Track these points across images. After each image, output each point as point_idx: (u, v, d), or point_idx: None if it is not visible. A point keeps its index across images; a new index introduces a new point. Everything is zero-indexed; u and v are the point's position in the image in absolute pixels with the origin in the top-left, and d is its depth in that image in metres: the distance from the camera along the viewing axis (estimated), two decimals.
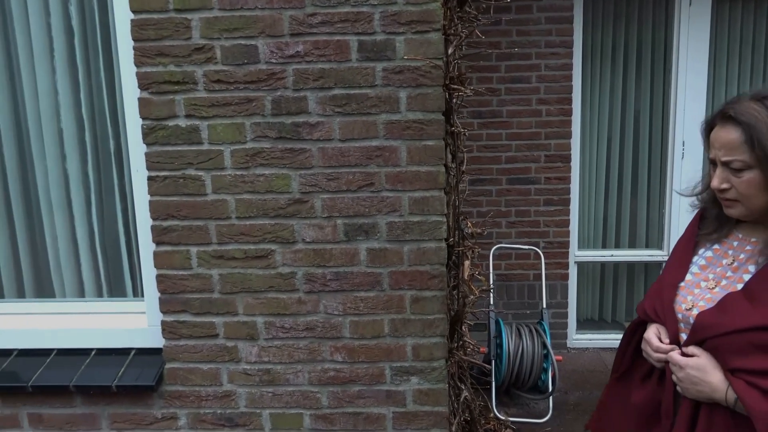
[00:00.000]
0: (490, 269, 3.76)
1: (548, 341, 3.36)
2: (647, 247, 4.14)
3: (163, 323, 2.05)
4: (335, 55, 1.86)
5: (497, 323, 3.43)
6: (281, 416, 2.08)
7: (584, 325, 4.27)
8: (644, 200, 4.10)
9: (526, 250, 3.90)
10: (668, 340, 1.37)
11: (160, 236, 1.99)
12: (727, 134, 1.26)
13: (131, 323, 2.18)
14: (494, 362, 3.37)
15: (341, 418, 2.08)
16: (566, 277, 4.06)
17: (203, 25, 1.87)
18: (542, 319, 3.53)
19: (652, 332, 1.42)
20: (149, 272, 2.08)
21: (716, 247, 1.40)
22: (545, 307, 3.63)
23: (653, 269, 4.16)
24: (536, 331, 3.44)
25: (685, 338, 1.35)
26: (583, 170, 4.06)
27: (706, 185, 1.43)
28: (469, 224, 2.22)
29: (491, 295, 3.51)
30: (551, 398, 3.39)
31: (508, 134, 3.89)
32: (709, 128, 1.33)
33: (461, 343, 2.28)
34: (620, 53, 3.92)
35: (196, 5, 1.85)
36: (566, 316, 4.11)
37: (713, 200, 1.40)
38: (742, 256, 1.34)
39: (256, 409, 2.08)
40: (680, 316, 1.37)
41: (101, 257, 2.31)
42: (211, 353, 2.05)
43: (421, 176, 1.91)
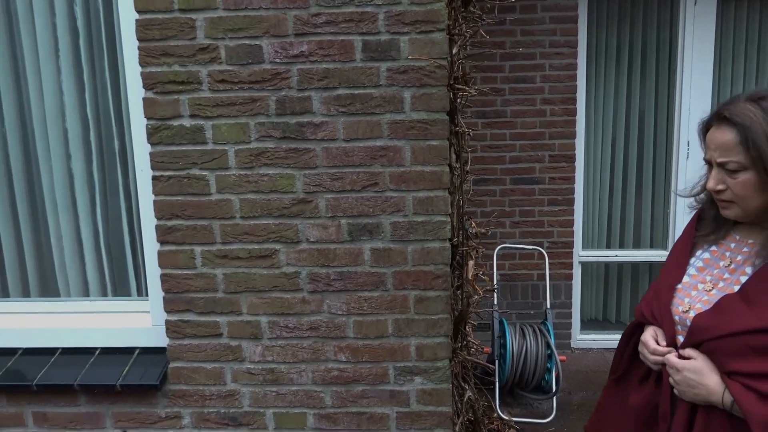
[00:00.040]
0: (494, 269, 3.76)
1: (552, 341, 3.35)
2: (651, 247, 4.13)
3: (167, 322, 2.06)
4: (339, 55, 1.86)
5: (501, 323, 3.43)
6: (285, 416, 2.09)
7: (588, 325, 4.26)
8: (649, 200, 4.09)
9: (530, 250, 3.90)
10: (665, 342, 1.37)
11: (164, 236, 2.00)
12: (722, 135, 1.26)
13: (135, 322, 2.19)
14: (498, 362, 3.36)
15: (345, 417, 2.08)
16: (570, 277, 4.05)
17: (208, 25, 1.87)
18: (546, 319, 3.52)
19: (649, 334, 1.41)
20: (153, 272, 2.09)
21: (713, 248, 1.40)
22: (549, 307, 3.62)
23: (657, 269, 4.15)
24: (540, 331, 3.44)
25: (682, 340, 1.34)
26: (587, 170, 4.05)
27: (703, 186, 1.43)
28: (473, 224, 2.22)
29: (495, 295, 3.50)
30: (555, 398, 3.39)
31: (512, 134, 3.88)
32: (705, 129, 1.33)
33: (465, 343, 2.28)
34: (625, 53, 3.91)
35: (200, 5, 1.86)
36: (570, 316, 4.10)
37: (711, 201, 1.39)
38: (739, 257, 1.33)
39: (259, 408, 2.09)
40: (677, 318, 1.36)
41: (106, 257, 2.32)
42: (215, 352, 2.06)
43: (425, 176, 1.91)
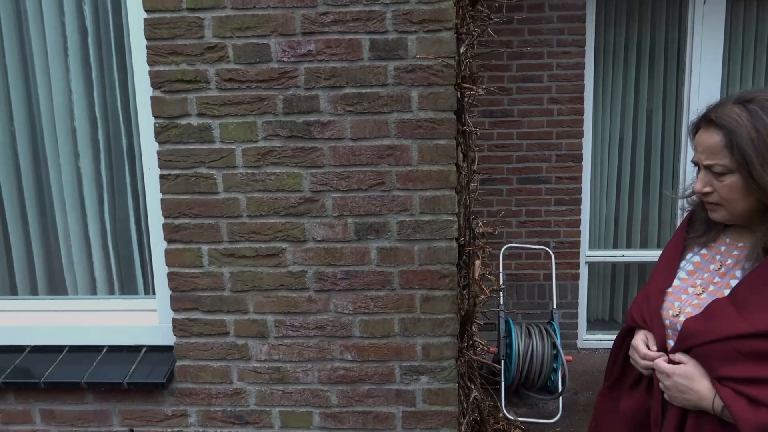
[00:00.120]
0: (500, 269, 3.75)
1: (558, 341, 3.35)
2: (659, 247, 4.11)
3: (174, 321, 2.06)
4: (347, 54, 1.86)
5: (507, 323, 3.42)
6: (291, 414, 2.09)
7: (594, 325, 4.25)
8: (656, 200, 4.07)
9: (536, 249, 3.89)
10: (656, 347, 1.35)
11: (171, 234, 2.00)
12: (708, 138, 1.25)
13: (142, 321, 2.20)
14: (504, 362, 3.36)
15: (351, 416, 2.08)
16: (577, 277, 4.04)
17: (216, 24, 1.87)
18: (552, 319, 3.51)
19: (639, 339, 1.39)
20: (161, 270, 2.09)
21: (704, 252, 1.39)
22: (555, 307, 3.61)
23: None
24: (546, 331, 3.43)
25: (672, 345, 1.33)
26: (594, 170, 4.03)
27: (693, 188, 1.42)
28: (480, 224, 2.22)
29: (501, 294, 3.50)
30: (561, 399, 3.38)
31: (519, 133, 3.87)
32: (694, 131, 1.32)
33: (471, 342, 2.28)
34: (633, 52, 3.90)
35: (208, 4, 1.86)
36: (576, 316, 4.09)
37: (701, 204, 1.38)
38: (729, 261, 1.32)
39: (265, 407, 2.09)
40: (667, 322, 1.35)
41: (113, 255, 2.33)
42: (221, 351, 2.06)
43: (432, 175, 1.91)
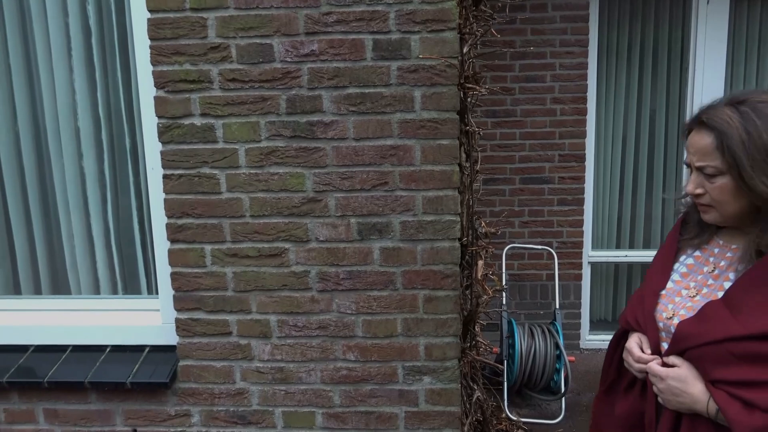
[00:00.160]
0: (502, 269, 3.75)
1: (561, 342, 3.34)
2: None
3: (177, 321, 2.06)
4: (350, 54, 1.86)
5: (510, 323, 3.42)
6: (294, 414, 2.09)
7: (597, 325, 4.24)
8: (659, 200, 4.06)
9: (539, 250, 3.88)
10: (650, 350, 1.35)
11: (174, 234, 2.00)
12: (700, 139, 1.25)
13: (146, 320, 2.20)
14: (506, 362, 3.35)
15: (353, 417, 2.08)
16: (579, 277, 4.03)
17: (219, 24, 1.87)
18: (555, 319, 3.51)
19: (633, 342, 1.39)
20: (164, 270, 2.09)
21: (697, 254, 1.38)
22: (558, 307, 3.61)
23: None
24: (549, 331, 3.42)
25: (666, 347, 1.32)
26: (597, 170, 4.03)
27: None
28: (482, 224, 2.22)
29: (504, 295, 3.49)
30: (564, 399, 3.37)
31: (522, 133, 3.87)
32: (686, 132, 1.32)
33: (474, 343, 2.27)
34: (636, 52, 3.89)
35: (212, 4, 1.86)
36: (579, 316, 4.08)
37: (694, 205, 1.38)
38: (722, 263, 1.32)
39: (268, 407, 2.09)
40: (661, 324, 1.34)
41: (116, 255, 2.33)
42: (224, 351, 2.06)
43: (435, 175, 1.91)
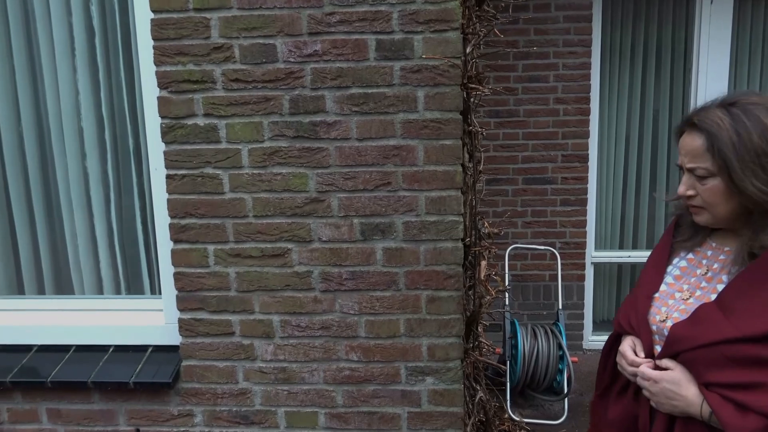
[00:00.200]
0: (505, 269, 3.74)
1: (564, 342, 3.33)
2: None
3: (180, 321, 2.07)
4: (353, 54, 1.86)
5: (512, 324, 3.42)
6: (296, 414, 2.09)
7: (600, 326, 4.23)
8: (662, 201, 4.05)
9: (542, 250, 3.88)
10: (643, 353, 1.34)
11: (177, 234, 2.00)
12: (691, 141, 1.26)
13: (149, 320, 2.20)
14: (509, 363, 3.35)
15: (356, 417, 2.08)
16: (582, 278, 4.03)
17: (222, 24, 1.87)
18: (558, 320, 3.50)
19: (627, 345, 1.38)
20: (167, 270, 2.10)
21: (690, 256, 1.38)
22: (561, 308, 3.60)
23: None
24: (552, 332, 3.42)
25: (659, 350, 1.32)
26: (600, 170, 4.02)
27: None
28: (485, 224, 2.22)
29: (507, 295, 3.49)
30: (566, 400, 3.37)
31: (525, 134, 3.86)
32: (679, 134, 1.32)
33: (477, 343, 2.27)
34: (639, 52, 3.88)
35: (215, 4, 1.86)
36: (582, 317, 4.07)
37: (687, 207, 1.38)
38: (715, 265, 1.32)
39: (271, 407, 2.09)
40: (654, 327, 1.34)
41: (120, 255, 2.34)
42: (227, 351, 2.06)
43: (438, 176, 1.91)
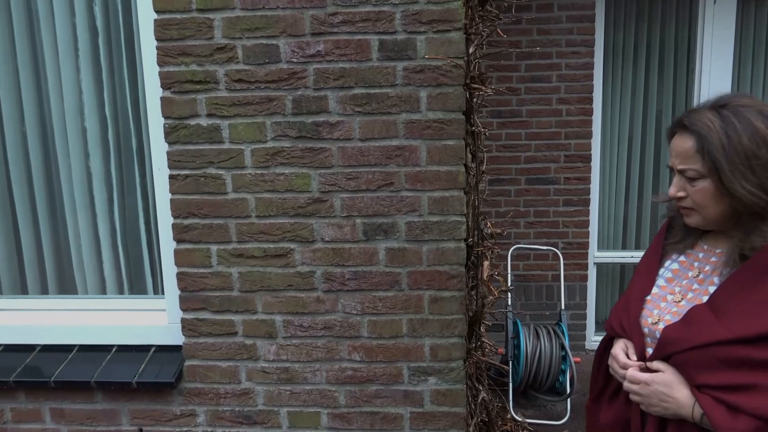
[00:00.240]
0: (508, 270, 3.74)
1: (566, 343, 3.33)
2: None
3: (182, 321, 2.07)
4: (356, 54, 1.86)
5: (515, 324, 3.41)
6: (299, 414, 2.09)
7: (603, 327, 4.21)
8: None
9: (544, 250, 3.88)
10: (636, 356, 1.34)
11: (180, 234, 2.01)
12: (682, 143, 1.27)
13: (152, 320, 2.21)
14: (512, 363, 3.35)
15: (358, 417, 2.08)
16: (585, 278, 4.02)
17: (225, 24, 1.88)
18: (560, 320, 3.50)
19: (619, 348, 1.38)
20: (170, 270, 2.10)
21: (682, 259, 1.38)
22: (564, 308, 3.60)
23: None
24: (554, 332, 3.42)
25: (651, 353, 1.32)
26: (603, 170, 4.02)
27: None
28: (488, 224, 2.21)
29: (509, 295, 3.49)
30: (569, 400, 3.36)
31: (527, 134, 3.86)
32: (670, 136, 1.33)
33: (479, 343, 2.27)
34: (642, 52, 3.87)
35: (218, 5, 1.86)
36: (585, 317, 4.07)
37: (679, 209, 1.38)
38: (707, 267, 1.32)
39: (274, 407, 2.09)
40: (646, 330, 1.34)
41: (123, 255, 2.34)
42: (230, 351, 2.07)
43: (440, 176, 1.91)
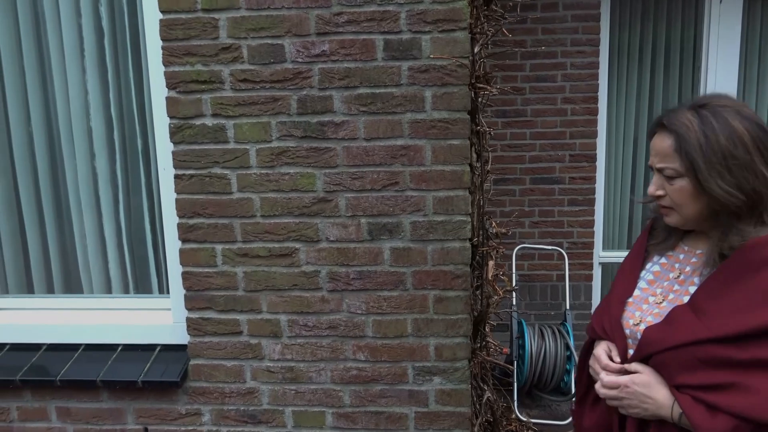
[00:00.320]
0: (513, 269, 3.74)
1: (571, 342, 3.32)
2: None
3: (188, 320, 2.07)
4: (361, 54, 1.86)
5: (520, 324, 3.41)
6: (304, 414, 2.09)
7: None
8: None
9: (549, 250, 3.87)
10: (619, 358, 1.33)
11: (186, 234, 2.01)
12: (661, 142, 1.28)
13: (157, 320, 2.21)
14: (516, 363, 3.34)
15: (363, 417, 2.08)
16: (590, 278, 4.01)
17: (230, 24, 1.88)
18: (565, 320, 3.49)
19: (601, 349, 1.37)
20: (175, 269, 2.10)
21: (663, 260, 1.39)
22: (568, 308, 3.59)
23: None
24: (559, 332, 3.41)
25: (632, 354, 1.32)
26: (608, 170, 4.00)
27: None
28: (493, 224, 2.21)
29: (514, 295, 3.48)
30: (573, 400, 3.35)
31: (532, 133, 3.85)
32: (650, 135, 1.34)
33: (484, 343, 2.27)
34: (648, 52, 3.86)
35: (223, 5, 1.87)
36: (590, 317, 4.05)
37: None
38: (688, 268, 1.32)
39: (278, 406, 2.10)
40: (628, 332, 1.34)
41: (128, 254, 2.35)
42: (235, 350, 2.07)
43: (445, 176, 1.91)
